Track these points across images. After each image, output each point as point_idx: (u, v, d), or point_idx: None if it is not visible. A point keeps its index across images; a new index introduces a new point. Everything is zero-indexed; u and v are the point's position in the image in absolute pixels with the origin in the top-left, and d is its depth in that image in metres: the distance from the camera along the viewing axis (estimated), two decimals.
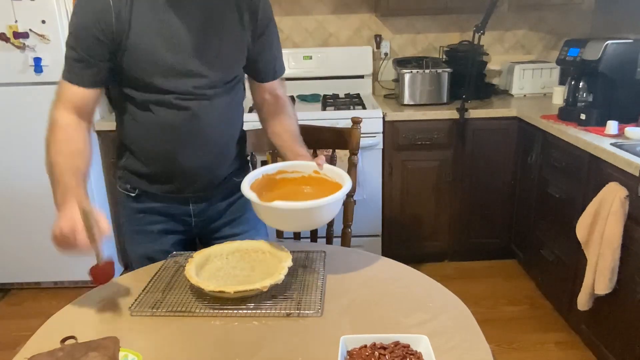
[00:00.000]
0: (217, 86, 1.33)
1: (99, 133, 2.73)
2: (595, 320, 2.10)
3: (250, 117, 1.69)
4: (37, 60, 2.49)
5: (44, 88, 2.53)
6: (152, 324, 1.08)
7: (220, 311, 1.10)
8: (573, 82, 2.42)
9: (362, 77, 3.25)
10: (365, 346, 0.94)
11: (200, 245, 1.53)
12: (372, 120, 2.70)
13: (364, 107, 2.84)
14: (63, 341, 0.94)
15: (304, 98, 3.14)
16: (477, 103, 2.89)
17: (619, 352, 1.94)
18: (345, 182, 1.24)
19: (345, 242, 1.84)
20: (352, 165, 1.84)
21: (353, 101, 2.98)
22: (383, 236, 2.94)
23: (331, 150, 1.92)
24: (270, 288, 1.11)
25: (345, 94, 3.19)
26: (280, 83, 1.52)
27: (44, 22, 2.44)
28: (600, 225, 1.91)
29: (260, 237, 1.36)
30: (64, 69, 1.26)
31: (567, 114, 2.42)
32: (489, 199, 2.91)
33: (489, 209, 2.93)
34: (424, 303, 1.12)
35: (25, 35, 2.45)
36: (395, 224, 2.93)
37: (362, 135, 1.92)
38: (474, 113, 2.75)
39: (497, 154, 2.83)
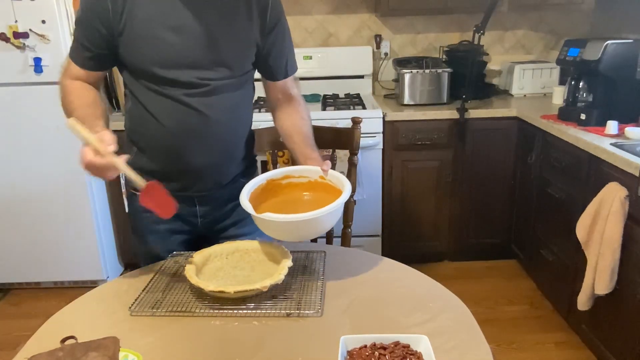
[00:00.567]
0: (223, 80, 1.33)
1: None
2: (595, 320, 2.10)
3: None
4: (37, 60, 2.49)
5: (44, 88, 2.53)
6: (152, 324, 1.08)
7: (220, 311, 1.11)
8: (573, 82, 2.42)
9: (362, 77, 3.25)
10: (365, 346, 0.94)
11: (206, 245, 1.53)
12: (372, 120, 2.70)
13: (364, 107, 2.84)
14: (63, 341, 0.94)
15: (304, 98, 3.12)
16: (477, 103, 2.89)
17: (619, 352, 1.94)
18: (343, 192, 1.20)
19: (345, 242, 1.84)
20: (352, 165, 1.84)
21: (353, 101, 2.98)
22: (383, 236, 2.94)
23: (331, 150, 1.92)
24: (270, 288, 1.11)
25: (345, 94, 3.19)
26: (294, 82, 1.52)
27: (44, 22, 2.44)
28: (600, 226, 1.91)
29: (266, 238, 1.35)
30: (71, 46, 1.32)
31: (567, 114, 2.42)
32: (489, 199, 2.91)
33: (489, 209, 2.93)
34: (424, 303, 1.12)
35: (25, 35, 2.44)
36: (395, 224, 2.93)
37: (362, 135, 1.92)
38: (474, 113, 2.75)
39: (497, 154, 2.83)
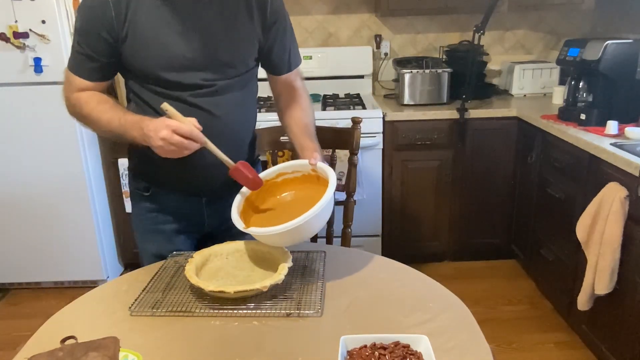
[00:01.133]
0: (228, 79, 1.33)
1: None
2: (595, 320, 2.10)
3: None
4: (37, 60, 2.49)
5: (44, 88, 2.53)
6: (152, 324, 1.08)
7: (220, 311, 1.10)
8: (573, 82, 2.42)
9: (362, 77, 3.25)
10: (365, 346, 0.94)
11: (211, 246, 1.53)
12: (372, 120, 2.70)
13: (364, 107, 2.84)
14: (63, 341, 0.94)
15: None
16: (477, 103, 2.89)
17: (619, 352, 1.94)
18: (327, 190, 1.17)
19: (345, 242, 1.84)
20: (352, 165, 1.84)
21: (353, 101, 2.98)
22: (383, 236, 2.94)
23: (331, 150, 1.92)
24: (270, 288, 1.11)
25: (345, 94, 3.19)
26: (297, 75, 1.51)
27: (44, 22, 2.44)
28: (600, 225, 1.91)
29: None
30: (70, 60, 1.29)
31: (567, 114, 2.42)
32: (488, 199, 2.90)
33: (489, 209, 2.93)
34: (424, 303, 1.12)
35: (25, 35, 2.44)
36: (395, 224, 2.93)
37: (362, 135, 1.92)
38: (474, 113, 2.75)
39: (497, 154, 2.83)
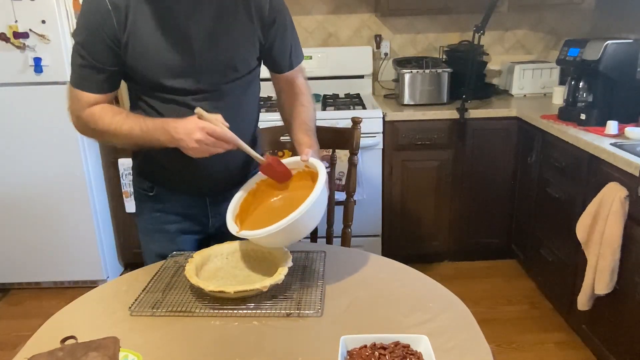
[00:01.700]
0: (230, 82, 1.33)
1: None
2: (595, 320, 2.10)
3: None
4: (37, 60, 2.49)
5: (44, 88, 2.53)
6: (152, 324, 1.08)
7: (220, 311, 1.10)
8: (573, 82, 2.42)
9: (362, 77, 3.25)
10: (365, 346, 0.94)
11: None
12: (372, 120, 2.70)
13: (364, 107, 2.84)
14: (63, 341, 0.94)
15: None
16: (477, 103, 2.89)
17: (619, 352, 1.94)
18: (315, 186, 1.15)
19: (345, 242, 1.84)
20: (352, 165, 1.84)
21: (353, 101, 2.98)
22: (383, 236, 2.94)
23: (331, 150, 1.92)
24: (270, 288, 1.11)
25: (345, 94, 3.19)
26: (300, 72, 1.51)
27: (44, 22, 2.44)
28: (600, 226, 1.91)
29: None
30: (73, 77, 1.26)
31: (567, 114, 2.42)
32: (489, 199, 2.90)
33: (489, 209, 2.92)
34: (424, 303, 1.12)
35: (25, 35, 2.44)
36: (395, 224, 2.93)
37: (362, 135, 1.92)
38: (474, 113, 2.75)
39: (497, 154, 2.83)
